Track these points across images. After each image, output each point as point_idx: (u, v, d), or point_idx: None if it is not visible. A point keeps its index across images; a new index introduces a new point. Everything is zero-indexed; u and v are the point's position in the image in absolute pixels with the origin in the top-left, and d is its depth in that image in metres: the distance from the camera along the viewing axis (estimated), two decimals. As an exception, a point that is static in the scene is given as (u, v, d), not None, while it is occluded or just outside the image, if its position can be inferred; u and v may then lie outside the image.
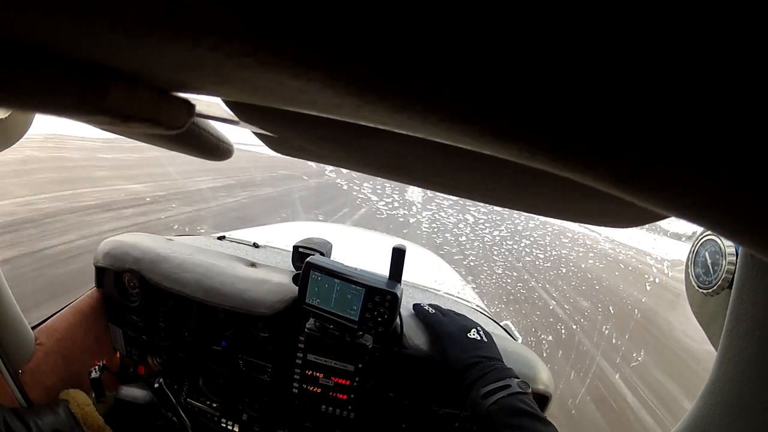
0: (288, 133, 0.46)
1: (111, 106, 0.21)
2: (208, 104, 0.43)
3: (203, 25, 0.13)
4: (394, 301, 0.82)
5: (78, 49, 0.17)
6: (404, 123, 0.19)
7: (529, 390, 0.75)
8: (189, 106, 0.29)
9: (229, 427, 1.10)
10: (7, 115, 0.46)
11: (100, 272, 1.06)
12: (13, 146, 0.49)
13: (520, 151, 0.17)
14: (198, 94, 0.29)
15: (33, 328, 0.90)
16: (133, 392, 0.93)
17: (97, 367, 0.93)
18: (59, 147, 9.70)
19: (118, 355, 1.16)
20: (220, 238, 1.39)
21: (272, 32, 0.13)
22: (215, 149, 0.50)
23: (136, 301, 1.04)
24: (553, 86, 0.13)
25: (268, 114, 0.37)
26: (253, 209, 8.43)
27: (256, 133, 0.53)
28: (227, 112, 0.42)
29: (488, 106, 0.15)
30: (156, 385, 0.94)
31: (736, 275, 0.38)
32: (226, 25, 0.13)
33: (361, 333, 0.89)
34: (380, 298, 0.82)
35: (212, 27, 0.13)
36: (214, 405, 1.08)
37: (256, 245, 1.35)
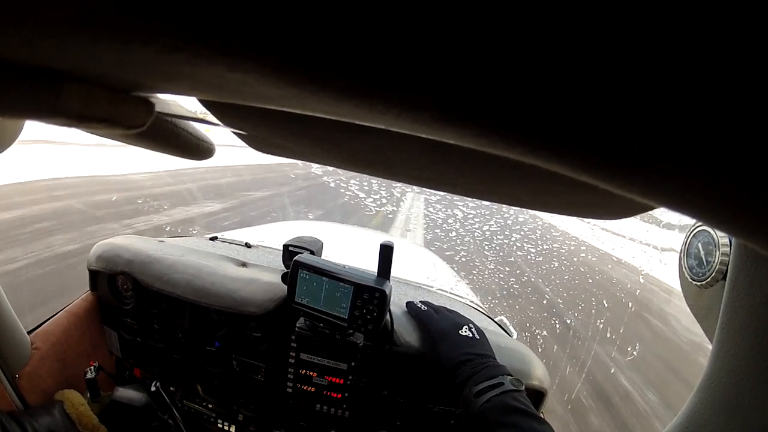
0: (262, 130, 0.46)
1: (65, 107, 0.22)
2: (177, 106, 0.42)
3: (129, 24, 0.14)
4: (383, 298, 0.82)
5: (19, 54, 0.18)
6: (354, 112, 0.19)
7: (523, 387, 0.74)
8: (148, 104, 0.30)
9: (225, 428, 1.10)
10: None
11: (94, 275, 1.06)
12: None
13: (476, 137, 0.17)
14: (155, 92, 0.29)
15: (29, 332, 0.91)
16: (129, 394, 0.94)
17: (92, 367, 0.94)
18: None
19: (113, 358, 1.16)
20: (212, 238, 1.40)
21: (196, 25, 0.13)
22: (195, 148, 0.50)
23: (130, 303, 1.04)
24: (511, 69, 0.12)
25: (239, 111, 0.37)
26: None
27: (233, 132, 0.52)
28: (202, 112, 0.41)
29: (432, 92, 0.15)
30: (153, 389, 0.94)
31: (729, 267, 0.38)
32: (152, 21, 0.13)
33: (351, 331, 0.89)
34: (369, 295, 0.82)
35: (138, 26, 0.14)
36: (210, 406, 1.09)
37: (248, 245, 1.36)
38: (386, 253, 0.85)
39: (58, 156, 7.60)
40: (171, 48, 0.15)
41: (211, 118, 0.42)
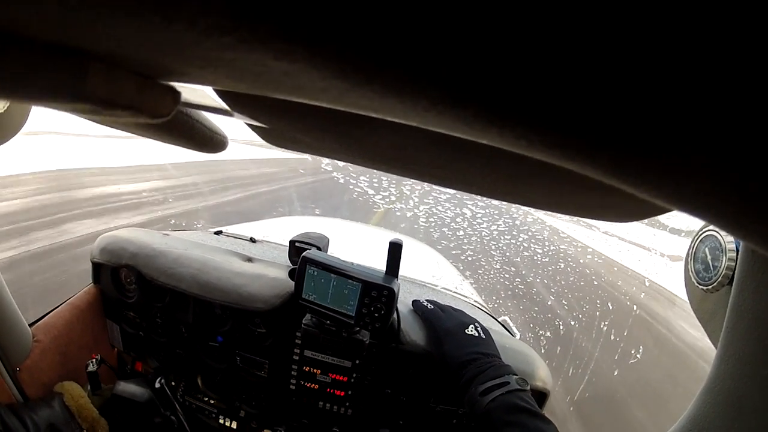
0: (281, 123, 0.45)
1: (91, 91, 0.21)
2: (200, 95, 0.42)
3: (177, 1, 0.13)
4: (391, 296, 0.81)
5: (49, 30, 0.17)
6: (395, 109, 0.19)
7: (528, 387, 0.75)
8: (174, 93, 0.29)
9: (227, 424, 1.09)
10: (3, 109, 0.45)
11: (97, 268, 1.05)
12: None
13: (517, 138, 0.17)
14: (184, 81, 0.28)
15: (30, 325, 0.90)
16: (131, 389, 0.93)
17: (94, 360, 0.93)
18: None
19: (115, 351, 1.15)
20: (217, 232, 1.38)
21: (250, 7, 0.13)
22: (208, 141, 0.49)
23: (133, 297, 1.03)
24: (551, 71, 0.12)
25: (260, 103, 0.36)
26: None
27: (248, 124, 0.52)
28: (219, 103, 0.41)
29: (481, 89, 0.14)
30: (157, 385, 0.93)
31: (736, 272, 0.37)
32: (202, 2, 0.13)
33: (357, 329, 0.88)
34: (377, 293, 0.81)
35: (187, 3, 0.13)
36: (212, 401, 1.08)
37: (252, 240, 1.35)
38: (395, 250, 0.84)
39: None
40: (218, 30, 0.14)
41: (229, 110, 0.41)
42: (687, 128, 0.12)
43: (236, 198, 8.21)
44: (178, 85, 0.29)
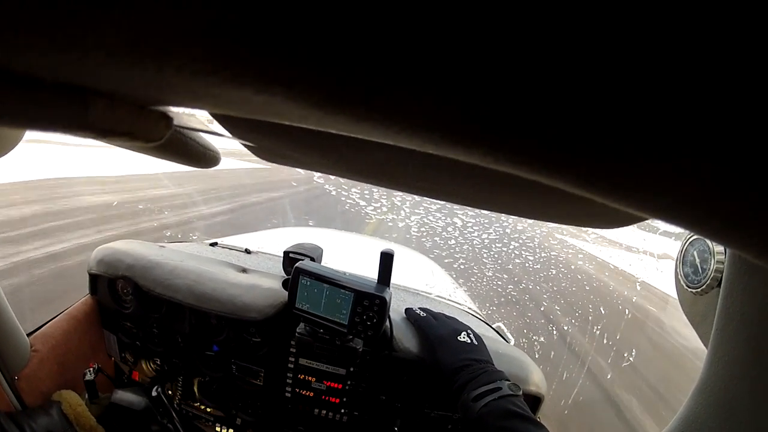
0: (271, 141, 0.47)
1: (92, 123, 0.23)
2: (192, 120, 0.44)
3: (166, 52, 0.15)
4: (383, 305, 0.82)
5: (56, 74, 0.19)
6: (369, 132, 0.20)
7: (520, 392, 0.75)
8: (167, 119, 0.30)
9: None
10: None
11: (94, 279, 1.06)
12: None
13: (484, 156, 0.18)
14: (175, 107, 0.29)
15: (28, 335, 0.91)
16: (129, 397, 0.93)
17: (91, 369, 0.93)
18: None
19: (112, 361, 1.16)
20: (212, 244, 1.40)
21: (231, 54, 0.14)
22: (201, 157, 0.50)
23: (130, 307, 1.04)
24: (509, 87, 0.13)
25: (251, 124, 0.38)
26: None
27: (241, 142, 0.54)
28: (210, 126, 0.43)
29: (445, 114, 0.15)
30: (154, 394, 0.94)
31: (724, 274, 0.38)
32: (187, 50, 0.14)
33: (351, 337, 0.90)
34: (369, 302, 0.83)
35: (175, 53, 0.15)
36: (208, 410, 1.09)
37: (247, 251, 1.36)
38: (386, 260, 0.86)
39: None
40: (203, 72, 0.16)
41: (221, 130, 0.43)
42: (662, 136, 0.13)
43: (229, 208, 8.18)
44: (175, 109, 0.31)
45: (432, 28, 0.11)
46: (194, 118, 0.44)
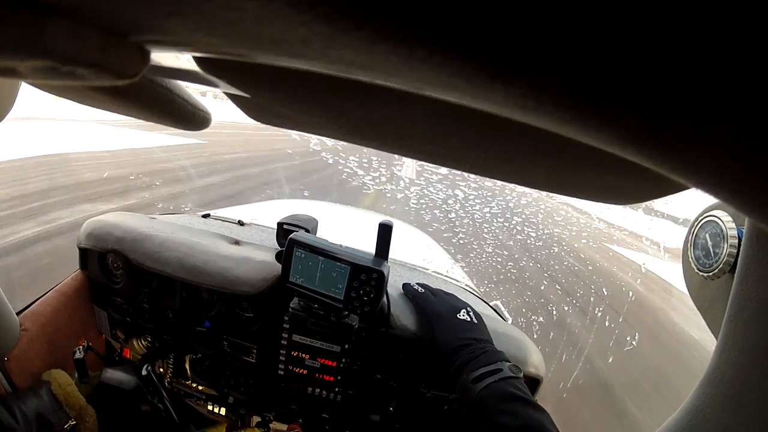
0: (266, 95, 0.45)
1: (51, 46, 0.20)
2: (178, 60, 0.40)
3: None
4: (381, 279, 0.80)
5: None
6: (386, 63, 0.17)
7: (521, 374, 0.74)
8: (143, 52, 0.28)
9: (215, 411, 1.10)
10: None
11: (84, 254, 1.05)
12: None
13: (523, 98, 0.15)
14: (154, 38, 0.26)
15: (17, 313, 0.90)
16: (118, 376, 0.92)
17: (81, 347, 0.93)
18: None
19: (103, 338, 1.15)
20: (205, 216, 1.39)
21: None
22: (191, 117, 0.49)
23: (120, 282, 1.03)
24: (565, 16, 0.11)
25: (243, 73, 0.35)
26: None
27: (233, 100, 0.51)
28: (200, 70, 0.39)
29: (484, 35, 0.13)
30: (144, 373, 0.93)
31: (739, 259, 0.37)
32: None
33: (346, 313, 0.88)
34: (366, 276, 0.80)
35: None
36: (200, 388, 1.08)
37: (241, 223, 1.36)
38: (385, 232, 0.83)
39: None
40: None
41: (209, 79, 0.39)
42: (716, 91, 0.11)
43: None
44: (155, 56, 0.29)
45: None
46: (183, 62, 0.40)
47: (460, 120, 0.29)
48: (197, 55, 0.33)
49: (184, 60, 0.39)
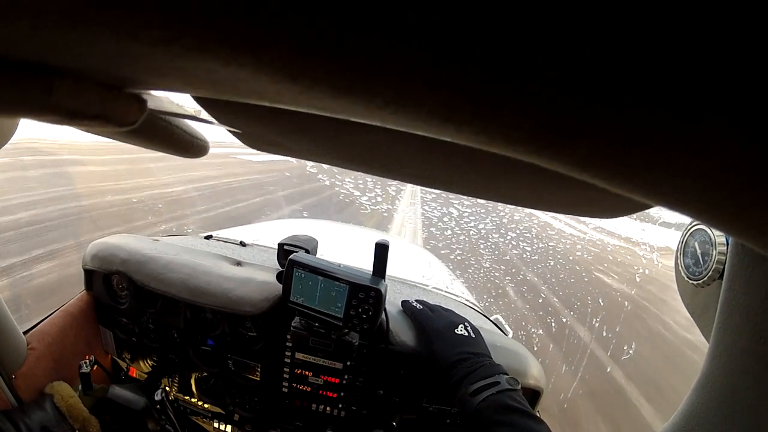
0: (259, 128, 0.46)
1: (57, 104, 0.22)
2: (175, 105, 0.42)
3: (119, 15, 0.14)
4: (378, 297, 0.82)
5: (8, 49, 0.18)
6: (351, 109, 0.19)
7: (519, 386, 0.75)
8: (140, 101, 0.30)
9: (221, 428, 1.11)
10: None
11: (89, 275, 1.07)
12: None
13: (476, 135, 0.17)
14: (148, 89, 0.29)
15: (25, 333, 0.92)
16: (127, 395, 0.93)
17: (88, 360, 0.94)
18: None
19: (109, 357, 1.16)
20: (207, 237, 1.40)
21: (187, 17, 0.13)
22: (189, 146, 0.50)
23: (125, 302, 1.04)
24: (515, 62, 0.12)
25: (236, 109, 0.37)
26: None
27: (230, 130, 0.52)
28: (195, 111, 0.41)
29: (431, 87, 0.14)
30: (158, 398, 0.94)
31: (726, 265, 0.37)
32: (142, 12, 0.13)
33: (347, 330, 0.89)
34: (364, 294, 0.82)
35: (128, 16, 0.14)
36: (206, 406, 1.09)
37: (242, 244, 1.36)
38: (381, 252, 0.84)
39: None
40: (162, 41, 0.14)
41: (205, 115, 0.41)
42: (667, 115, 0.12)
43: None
44: (155, 93, 0.31)
45: None
46: (181, 107, 0.43)
47: (442, 146, 0.30)
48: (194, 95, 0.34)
49: (179, 102, 0.42)
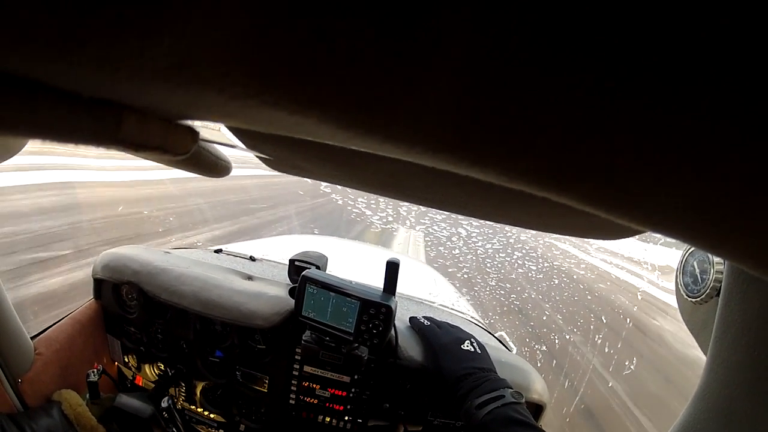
0: (285, 153, 0.48)
1: (124, 137, 0.23)
2: (209, 132, 0.44)
3: (209, 76, 0.15)
4: (389, 313, 0.84)
5: (96, 91, 0.19)
6: (392, 151, 0.21)
7: (523, 400, 0.76)
8: (194, 133, 0.31)
9: None
10: None
11: (99, 284, 1.07)
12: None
13: (498, 175, 0.19)
14: (199, 119, 0.30)
15: (32, 338, 0.92)
16: (134, 403, 0.94)
17: (96, 370, 0.94)
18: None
19: (116, 365, 1.17)
20: (217, 251, 1.40)
21: (272, 79, 0.15)
22: (214, 167, 0.51)
23: (134, 312, 1.05)
24: (511, 116, 0.14)
25: (266, 137, 0.38)
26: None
27: (258, 155, 0.56)
28: (227, 139, 0.44)
29: (463, 139, 0.17)
30: (164, 405, 0.95)
31: (723, 283, 0.38)
32: (231, 74, 0.15)
33: (356, 345, 0.91)
34: (375, 310, 0.84)
35: (219, 76, 0.15)
36: (212, 416, 1.09)
37: (252, 258, 1.37)
38: (392, 269, 0.87)
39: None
40: (243, 95, 0.16)
41: (236, 141, 0.43)
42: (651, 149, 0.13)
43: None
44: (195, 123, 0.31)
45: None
46: (207, 129, 0.44)
47: (459, 175, 0.30)
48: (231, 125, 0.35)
49: (214, 131, 0.43)
